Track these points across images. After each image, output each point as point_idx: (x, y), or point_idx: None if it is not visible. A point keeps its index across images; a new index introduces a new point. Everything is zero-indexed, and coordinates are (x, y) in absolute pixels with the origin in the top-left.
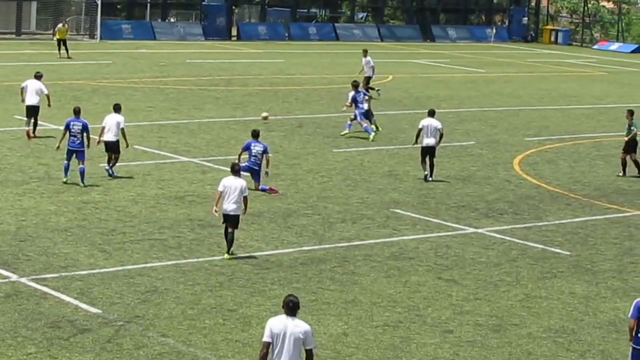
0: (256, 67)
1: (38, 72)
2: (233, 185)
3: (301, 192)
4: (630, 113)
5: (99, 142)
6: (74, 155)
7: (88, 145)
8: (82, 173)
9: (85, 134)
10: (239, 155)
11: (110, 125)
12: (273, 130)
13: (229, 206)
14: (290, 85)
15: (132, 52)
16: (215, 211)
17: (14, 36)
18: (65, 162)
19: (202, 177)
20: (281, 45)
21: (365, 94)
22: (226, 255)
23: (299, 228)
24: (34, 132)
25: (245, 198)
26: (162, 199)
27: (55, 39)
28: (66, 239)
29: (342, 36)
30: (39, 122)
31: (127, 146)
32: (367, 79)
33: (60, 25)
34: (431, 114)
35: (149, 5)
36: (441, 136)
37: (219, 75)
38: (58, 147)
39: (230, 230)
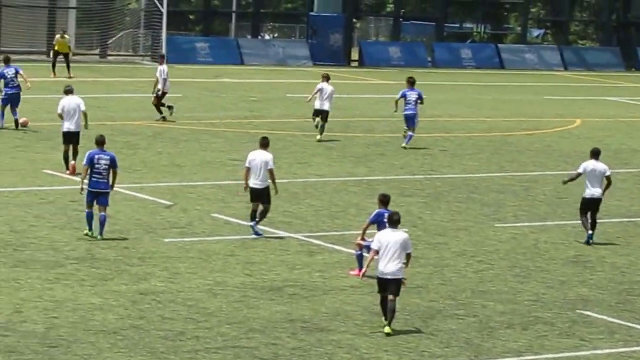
0: (386, 105)
1: (69, 86)
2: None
3: (449, 285)
4: None
5: (245, 188)
6: (97, 199)
7: (112, 187)
8: (102, 223)
9: (112, 172)
10: (364, 230)
11: (259, 165)
12: (409, 195)
13: (389, 267)
14: (434, 131)
15: (210, 82)
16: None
17: (45, 57)
18: (87, 210)
19: (308, 260)
20: (421, 75)
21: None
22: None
23: (446, 336)
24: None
25: None
26: (251, 291)
27: (52, 58)
28: (115, 345)
29: (509, 62)
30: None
31: (276, 192)
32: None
33: (58, 36)
34: (595, 154)
35: (234, 16)
36: (609, 184)
37: (333, 117)
38: (82, 189)
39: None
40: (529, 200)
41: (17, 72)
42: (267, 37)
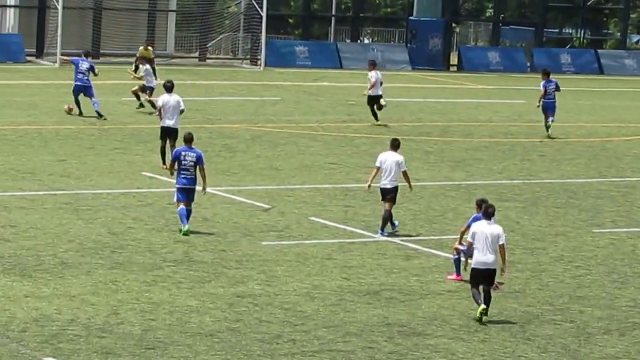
0: (485, 110)
1: (169, 82)
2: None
3: (546, 290)
4: None
5: (369, 187)
6: (186, 195)
7: (204, 188)
8: (188, 214)
9: (199, 168)
10: (462, 234)
11: (390, 166)
12: (507, 199)
13: (484, 258)
14: (534, 136)
15: (310, 85)
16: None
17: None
18: (181, 207)
19: (405, 264)
20: (521, 80)
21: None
22: None
23: (543, 341)
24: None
25: None
26: (347, 294)
27: (136, 65)
28: (212, 348)
29: (608, 68)
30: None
31: (410, 189)
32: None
33: (142, 48)
34: None
35: (333, 19)
36: None
37: (432, 122)
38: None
39: None
40: (627, 206)
41: (91, 68)
42: (366, 41)
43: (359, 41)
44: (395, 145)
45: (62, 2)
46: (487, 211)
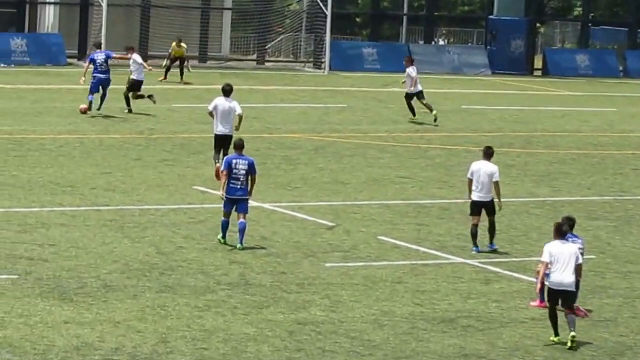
0: (572, 119)
1: (228, 85)
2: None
3: None
4: None
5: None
6: (235, 206)
7: (250, 193)
8: (241, 231)
9: (250, 178)
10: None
11: (483, 177)
12: (597, 218)
13: (562, 278)
14: (625, 148)
15: (379, 91)
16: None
17: (197, 63)
18: (224, 219)
19: (484, 289)
20: (612, 86)
21: None
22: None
23: None
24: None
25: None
26: (420, 322)
27: (166, 63)
28: None
29: None
30: None
31: (500, 207)
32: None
33: (174, 44)
34: None
35: (405, 19)
36: None
37: (514, 132)
38: (223, 196)
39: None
40: None
41: (108, 58)
42: (441, 43)
43: (433, 42)
44: (489, 154)
45: None
46: (560, 230)
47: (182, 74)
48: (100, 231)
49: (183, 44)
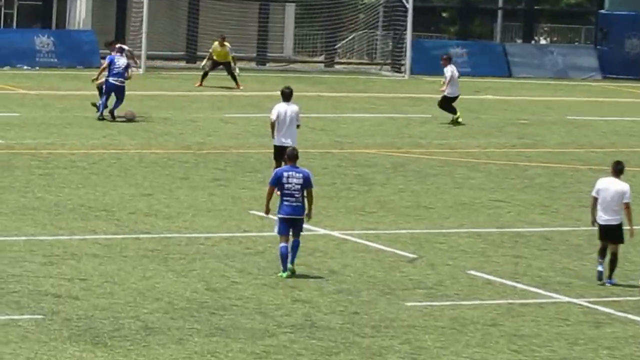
0: None
1: (287, 87)
2: None
3: None
4: None
5: (592, 223)
6: (291, 227)
7: (309, 214)
8: (295, 247)
9: (306, 192)
10: None
11: (611, 196)
12: None
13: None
14: None
15: (469, 98)
16: None
17: (254, 65)
18: (282, 244)
19: (593, 333)
20: None
21: None
22: None
23: None
24: None
25: None
26: None
27: (205, 65)
28: None
29: None
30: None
31: (631, 234)
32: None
33: (216, 43)
34: None
35: (500, 13)
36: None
37: (629, 147)
38: (267, 211)
39: None
40: None
41: (127, 67)
42: (542, 42)
43: (532, 41)
44: (619, 170)
45: None
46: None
47: (234, 79)
48: (139, 263)
49: (226, 43)
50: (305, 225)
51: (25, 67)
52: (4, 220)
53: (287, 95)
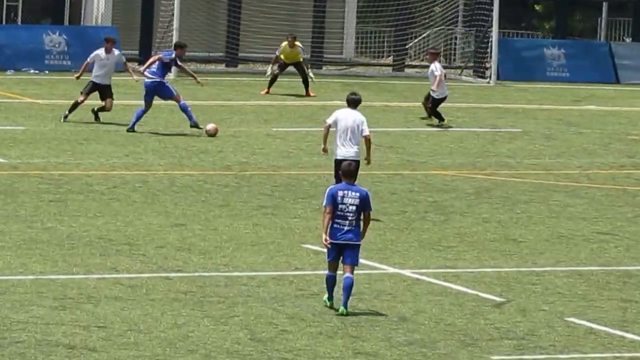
0: None
1: (353, 94)
2: None
3: None
4: None
5: None
6: (342, 254)
7: (362, 235)
8: (346, 288)
9: (363, 216)
10: None
11: None
12: None
13: None
14: None
15: (568, 109)
16: None
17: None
18: (329, 272)
19: None
20: None
21: None
22: None
23: None
24: None
25: None
26: None
27: (271, 71)
28: None
29: None
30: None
31: None
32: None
33: (285, 43)
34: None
35: (604, 7)
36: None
37: None
38: (326, 240)
39: None
40: None
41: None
42: None
43: None
44: None
45: None
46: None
47: (306, 84)
48: (170, 307)
49: (298, 43)
50: (370, 263)
51: (32, 71)
52: (7, 255)
53: (353, 102)
